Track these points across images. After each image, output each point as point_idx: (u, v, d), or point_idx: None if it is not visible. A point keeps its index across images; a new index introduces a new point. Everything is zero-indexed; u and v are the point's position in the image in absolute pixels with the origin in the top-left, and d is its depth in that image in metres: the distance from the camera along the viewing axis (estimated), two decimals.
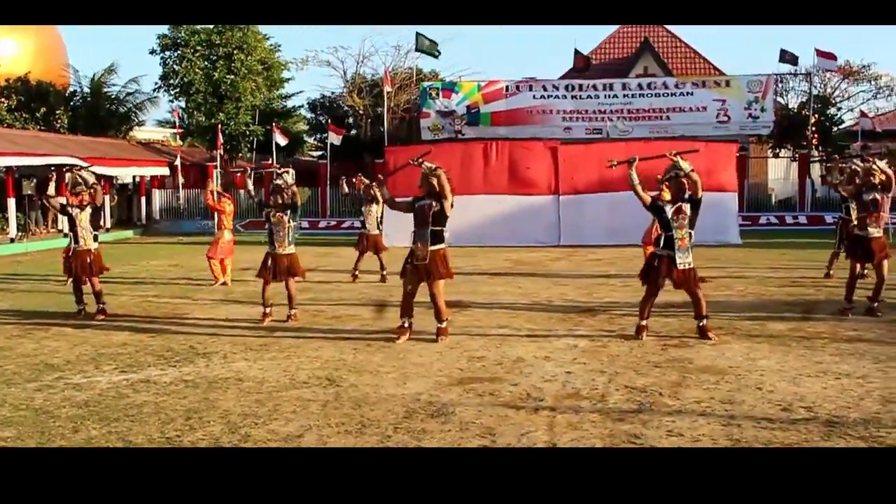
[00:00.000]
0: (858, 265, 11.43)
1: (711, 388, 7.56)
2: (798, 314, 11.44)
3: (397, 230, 15.57)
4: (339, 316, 11.95)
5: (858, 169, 14.75)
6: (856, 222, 14.83)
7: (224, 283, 15.64)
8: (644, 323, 9.87)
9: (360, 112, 41.06)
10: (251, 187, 12.73)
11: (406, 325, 10.04)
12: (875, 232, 11.15)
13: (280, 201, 11.41)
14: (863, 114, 36.71)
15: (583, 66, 36.75)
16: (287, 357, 9.18)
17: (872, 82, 40.13)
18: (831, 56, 34.02)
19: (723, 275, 15.95)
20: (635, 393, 7.40)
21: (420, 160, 10.01)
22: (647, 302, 9.88)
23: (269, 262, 11.41)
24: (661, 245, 9.78)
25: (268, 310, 11.42)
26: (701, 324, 9.80)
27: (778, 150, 38.65)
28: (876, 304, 11.21)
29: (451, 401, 7.26)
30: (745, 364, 8.48)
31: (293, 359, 9.08)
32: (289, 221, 11.39)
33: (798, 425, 6.38)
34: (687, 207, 9.62)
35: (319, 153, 45.43)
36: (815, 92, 37.17)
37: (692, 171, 9.62)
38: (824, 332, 10.10)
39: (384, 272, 15.92)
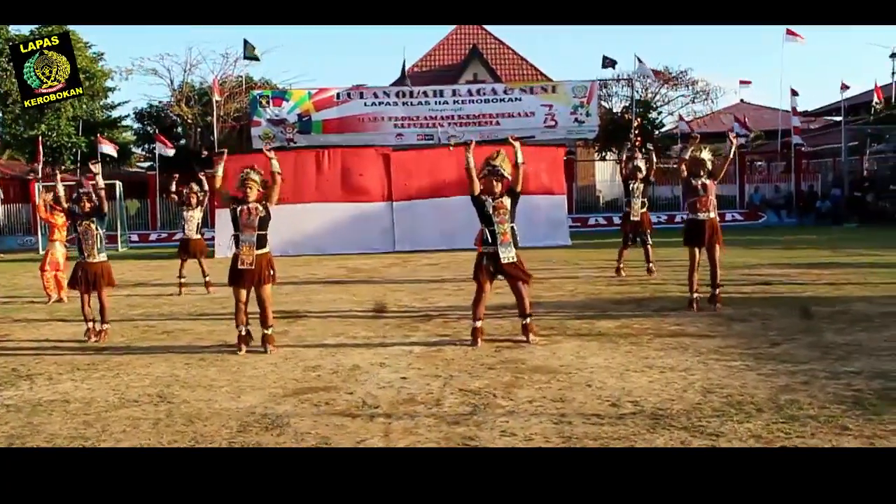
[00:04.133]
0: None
1: (543, 387, 7.72)
2: (626, 311, 11.82)
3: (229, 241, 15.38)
4: (170, 331, 11.64)
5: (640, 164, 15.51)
6: (637, 217, 15.65)
7: (59, 300, 15.05)
8: (479, 325, 9.84)
9: (189, 121, 40.20)
10: (61, 196, 12.26)
11: (244, 333, 9.90)
12: (707, 215, 11.61)
13: (86, 209, 11.08)
14: (680, 118, 38.35)
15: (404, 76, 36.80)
16: (116, 375, 8.87)
17: (690, 87, 41.84)
18: (655, 71, 35.44)
19: (553, 275, 16.34)
20: (469, 396, 7.48)
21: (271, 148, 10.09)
22: (478, 302, 9.86)
23: (80, 272, 11.07)
24: (486, 241, 9.84)
25: (90, 325, 11.04)
26: (524, 322, 9.94)
27: (604, 154, 39.85)
28: (717, 291, 11.70)
29: (286, 412, 7.17)
30: (576, 362, 8.69)
31: (122, 377, 8.78)
32: (97, 229, 11.07)
33: (626, 419, 6.58)
34: (507, 202, 9.70)
35: (148, 164, 44.25)
36: (637, 97, 38.49)
37: (523, 163, 9.80)
38: (650, 328, 10.46)
39: (207, 278, 15.63)
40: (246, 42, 35.18)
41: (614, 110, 40.65)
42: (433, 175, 24.89)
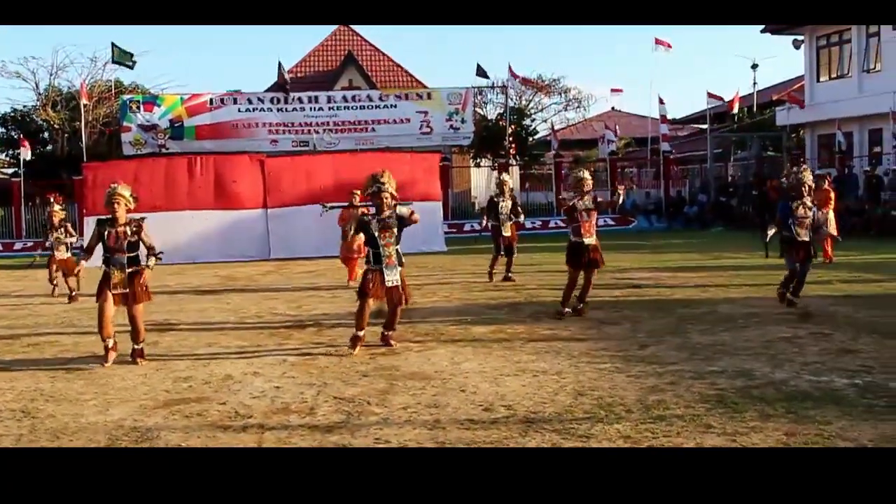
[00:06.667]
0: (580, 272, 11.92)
1: (418, 393, 7.74)
2: (500, 316, 11.94)
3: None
4: (35, 343, 11.23)
5: None
6: (508, 232, 15.98)
7: None
8: (362, 334, 9.77)
9: (56, 127, 38.98)
10: None
11: (112, 345, 9.59)
12: (590, 240, 11.75)
13: None
14: (552, 127, 39.11)
15: (283, 84, 36.16)
16: None
17: (563, 95, 42.61)
18: (525, 79, 36.06)
19: (429, 282, 16.42)
20: (343, 403, 7.45)
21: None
22: (362, 313, 9.77)
23: None
24: (371, 261, 9.84)
25: None
26: (387, 333, 10.03)
27: (479, 160, 40.24)
28: (581, 306, 11.86)
29: (156, 425, 7.01)
30: (450, 368, 8.74)
31: None
32: None
33: (499, 424, 6.65)
34: (394, 226, 9.71)
35: (12, 170, 42.69)
36: (511, 104, 38.98)
37: (416, 220, 9.88)
38: (523, 333, 10.59)
39: (73, 293, 15.19)
40: (114, 46, 34.23)
41: (489, 117, 41.08)
42: (308, 182, 24.69)
